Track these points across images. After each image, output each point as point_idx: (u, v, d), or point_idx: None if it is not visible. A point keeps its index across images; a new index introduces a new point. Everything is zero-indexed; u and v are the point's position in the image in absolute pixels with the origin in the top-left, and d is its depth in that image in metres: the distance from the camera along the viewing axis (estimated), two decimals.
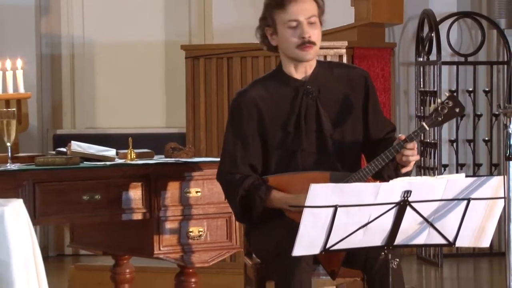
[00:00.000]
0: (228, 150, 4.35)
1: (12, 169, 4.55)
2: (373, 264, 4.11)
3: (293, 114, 4.31)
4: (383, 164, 4.21)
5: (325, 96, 4.34)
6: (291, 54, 4.30)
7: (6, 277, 3.52)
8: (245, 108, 4.32)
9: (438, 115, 4.25)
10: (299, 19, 4.24)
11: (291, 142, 4.31)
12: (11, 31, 8.24)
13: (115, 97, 8.52)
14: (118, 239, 5.08)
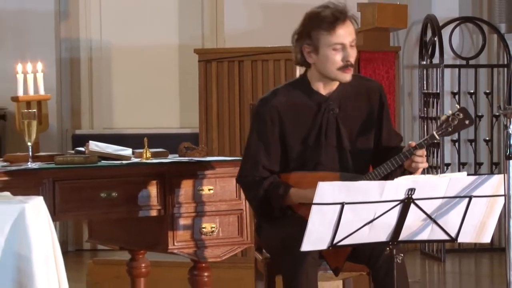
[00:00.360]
0: (250, 154, 4.35)
1: (32, 168, 4.56)
2: (377, 259, 4.11)
3: (314, 129, 4.31)
4: (392, 168, 4.23)
5: (345, 111, 4.34)
6: (330, 75, 4.27)
7: (27, 271, 3.53)
8: (268, 116, 4.30)
9: (449, 126, 4.28)
10: (345, 42, 4.22)
11: (310, 154, 4.31)
12: (32, 36, 8.25)
13: (131, 98, 8.53)
14: (134, 235, 5.09)
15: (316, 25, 4.23)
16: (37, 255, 3.55)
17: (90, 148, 4.80)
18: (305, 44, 4.27)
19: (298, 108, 4.33)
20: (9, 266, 3.53)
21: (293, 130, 4.32)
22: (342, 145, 4.32)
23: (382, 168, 4.22)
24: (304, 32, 4.27)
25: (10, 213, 3.56)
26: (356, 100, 4.38)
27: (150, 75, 8.47)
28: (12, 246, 3.54)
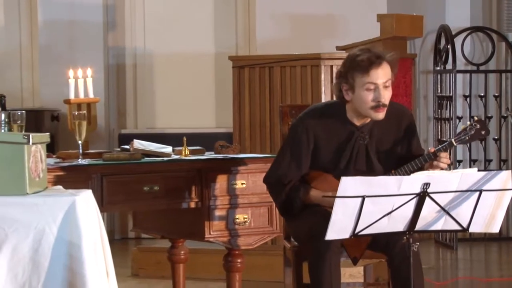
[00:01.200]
0: (281, 165, 4.34)
1: (82, 164, 4.57)
2: (393, 247, 4.10)
3: (345, 154, 4.30)
4: (412, 170, 4.23)
5: (376, 139, 4.33)
6: (363, 112, 4.25)
7: (78, 257, 3.54)
8: (304, 136, 4.30)
9: (466, 134, 4.30)
10: (378, 82, 4.19)
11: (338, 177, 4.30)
12: (83, 44, 8.29)
13: (172, 101, 8.55)
14: (174, 225, 5.09)
15: (353, 68, 4.21)
16: (87, 242, 3.56)
17: (135, 146, 4.81)
18: (343, 83, 4.25)
19: (332, 133, 4.32)
20: (61, 252, 3.54)
21: (325, 153, 4.31)
22: (373, 169, 4.31)
23: (403, 169, 4.24)
24: (343, 72, 4.26)
25: (62, 205, 3.57)
26: (388, 128, 4.35)
27: (189, 79, 8.49)
28: (64, 235, 3.55)
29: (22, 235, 3.52)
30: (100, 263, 3.58)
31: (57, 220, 3.55)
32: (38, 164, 3.68)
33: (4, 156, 3.57)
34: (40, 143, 3.74)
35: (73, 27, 8.32)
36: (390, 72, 4.24)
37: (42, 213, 3.54)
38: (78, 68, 5.36)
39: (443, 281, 6.56)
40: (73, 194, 3.66)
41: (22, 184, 3.57)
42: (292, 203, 4.30)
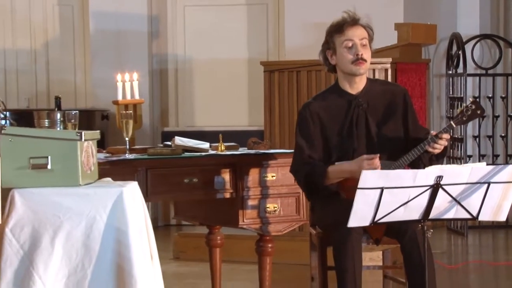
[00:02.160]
0: (297, 149, 4.36)
1: (129, 158, 4.59)
2: (404, 235, 4.10)
3: (346, 122, 4.30)
4: (418, 154, 4.21)
5: (373, 107, 4.32)
6: (346, 69, 4.27)
7: (125, 242, 3.55)
8: (309, 118, 4.31)
9: (463, 116, 4.25)
10: (354, 39, 4.23)
11: (345, 144, 4.31)
12: (130, 51, 8.33)
13: (209, 102, 8.57)
14: (211, 213, 5.10)
15: (331, 32, 4.28)
16: (133, 229, 3.57)
17: (176, 142, 4.82)
18: (327, 50, 4.31)
19: (332, 108, 4.33)
20: (110, 237, 3.55)
21: (330, 125, 4.31)
22: (371, 134, 4.31)
23: (410, 154, 4.22)
24: (325, 42, 4.32)
25: (111, 195, 3.58)
26: (382, 98, 4.36)
27: (224, 82, 8.50)
28: (113, 222, 3.56)
29: (76, 222, 3.54)
30: (145, 247, 3.59)
31: (106, 209, 3.56)
32: (89, 159, 3.70)
33: (59, 151, 3.58)
34: (91, 140, 3.75)
35: (121, 36, 8.36)
36: (366, 34, 4.28)
37: (93, 203, 3.56)
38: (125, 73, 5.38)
39: (455, 265, 6.53)
40: (120, 185, 3.67)
41: (75, 176, 3.58)
42: (314, 182, 4.28)
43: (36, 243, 3.50)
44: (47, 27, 8.66)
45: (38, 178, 3.56)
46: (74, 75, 8.69)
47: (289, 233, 5.05)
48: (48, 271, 3.49)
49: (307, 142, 4.31)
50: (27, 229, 3.51)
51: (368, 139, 4.31)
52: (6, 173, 3.55)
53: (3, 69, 8.55)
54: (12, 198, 3.53)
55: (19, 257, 3.49)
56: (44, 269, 3.49)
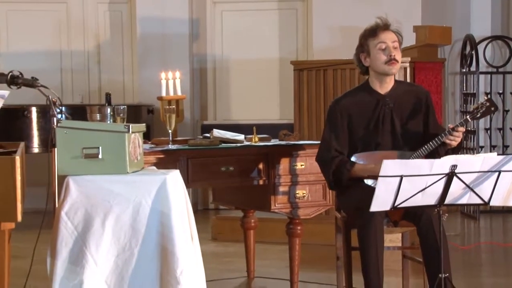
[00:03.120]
0: (325, 140, 4.33)
1: (172, 149, 4.60)
2: (419, 219, 4.08)
3: (373, 118, 4.29)
4: (436, 145, 4.19)
5: (398, 106, 4.31)
6: (380, 69, 4.25)
7: (168, 224, 3.56)
8: (338, 112, 4.30)
9: (478, 112, 4.25)
10: (387, 42, 4.22)
11: (370, 137, 4.30)
12: (173, 52, 8.34)
13: (244, 97, 8.57)
14: (246, 198, 5.10)
15: (365, 36, 4.27)
16: (175, 212, 3.58)
17: (214, 134, 4.82)
18: (360, 53, 4.30)
19: (362, 104, 4.31)
20: (155, 220, 3.56)
21: (358, 120, 4.30)
22: (395, 130, 4.30)
23: (428, 145, 4.21)
24: (359, 45, 4.31)
25: (155, 182, 3.59)
26: (407, 98, 4.35)
27: (258, 80, 8.50)
28: (157, 206, 3.57)
29: (124, 206, 3.55)
30: (186, 229, 3.60)
31: (151, 194, 3.57)
32: (136, 149, 3.71)
33: (109, 142, 3.60)
34: (138, 132, 3.76)
35: (165, 38, 8.38)
36: (396, 38, 4.27)
37: (139, 189, 3.57)
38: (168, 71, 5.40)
39: (468, 246, 6.50)
40: (164, 173, 3.68)
41: (123, 165, 3.60)
42: (341, 176, 4.26)
43: (88, 225, 3.52)
44: (99, 31, 8.70)
45: (90, 166, 3.57)
46: (123, 74, 8.72)
47: (317, 217, 5.04)
48: (99, 251, 3.51)
49: (334, 134, 4.29)
50: (80, 212, 3.53)
51: (393, 135, 4.30)
52: (61, 162, 3.57)
53: (60, 69, 8.61)
54: (67, 185, 3.55)
55: (73, 237, 3.51)
56: (95, 248, 3.51)
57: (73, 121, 3.72)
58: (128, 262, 3.52)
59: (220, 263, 5.79)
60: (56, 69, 8.55)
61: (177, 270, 3.49)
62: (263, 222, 5.73)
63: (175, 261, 3.50)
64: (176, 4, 8.37)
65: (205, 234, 6.54)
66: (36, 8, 8.53)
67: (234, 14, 8.56)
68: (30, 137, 7.14)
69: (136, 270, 3.52)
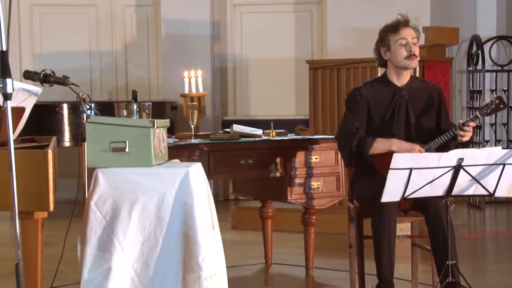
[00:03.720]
0: (346, 119, 4.29)
1: (194, 143, 4.61)
2: (427, 209, 4.06)
3: (390, 109, 4.27)
4: (446, 139, 4.19)
5: (413, 99, 4.29)
6: (400, 64, 4.23)
7: (191, 213, 3.56)
8: (359, 98, 4.28)
9: (488, 108, 4.23)
10: (407, 38, 4.20)
11: (385, 127, 4.28)
12: (195, 52, 8.35)
13: (262, 94, 8.56)
14: (264, 189, 5.10)
15: (386, 31, 4.24)
16: (197, 202, 3.58)
17: (234, 129, 4.82)
18: (381, 47, 4.27)
19: (379, 95, 4.29)
20: (178, 210, 3.56)
21: (375, 109, 4.28)
22: (409, 122, 4.27)
23: (439, 139, 4.19)
24: (379, 39, 4.28)
25: (178, 174, 3.60)
26: (421, 93, 4.33)
27: (275, 78, 8.49)
28: (180, 196, 3.57)
29: (149, 197, 3.56)
30: (207, 218, 3.60)
31: (175, 185, 3.57)
32: (160, 143, 3.71)
33: (135, 137, 3.60)
34: (162, 127, 3.77)
35: (188, 39, 8.38)
36: (415, 34, 4.25)
37: (164, 180, 3.57)
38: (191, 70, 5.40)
39: (473, 234, 6.47)
40: (187, 165, 3.68)
41: (149, 158, 3.60)
42: (362, 150, 4.19)
43: (116, 214, 3.53)
44: (126, 32, 8.72)
45: (117, 159, 3.58)
46: (148, 72, 8.74)
47: (330, 207, 5.04)
48: (126, 238, 3.52)
49: (354, 117, 4.26)
50: (108, 202, 3.54)
51: (407, 126, 4.28)
52: (90, 155, 3.58)
53: (89, 68, 8.64)
54: (96, 176, 3.56)
55: (102, 226, 3.53)
56: (123, 236, 3.51)
57: (101, 116, 3.72)
58: (153, 249, 3.53)
59: (239, 250, 5.79)
60: (86, 68, 8.59)
61: (199, 256, 3.49)
62: (280, 212, 5.73)
63: (197, 248, 3.50)
64: (198, 7, 8.38)
65: (225, 223, 6.55)
66: (67, 11, 8.56)
67: (253, 16, 8.56)
68: (61, 132, 7.18)
69: (161, 256, 3.53)
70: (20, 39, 8.53)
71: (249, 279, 4.97)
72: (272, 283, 4.91)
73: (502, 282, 4.83)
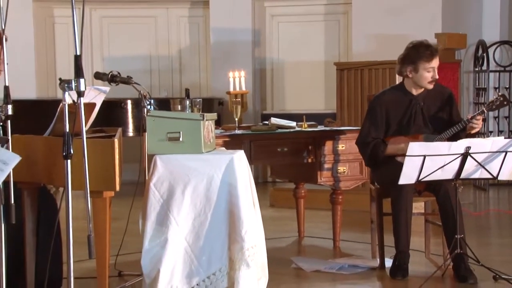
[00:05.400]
0: (364, 128, 4.30)
1: (238, 133, 4.61)
2: (438, 191, 4.04)
3: (407, 114, 4.26)
4: (456, 131, 4.16)
5: (427, 104, 4.28)
6: (421, 84, 4.23)
7: (235, 193, 3.56)
8: (378, 106, 4.27)
9: (493, 104, 4.22)
10: (434, 67, 4.20)
11: (402, 130, 4.27)
12: (239, 56, 8.34)
13: (296, 92, 8.53)
14: (297, 173, 5.09)
15: (419, 56, 4.18)
16: (240, 184, 3.57)
17: (272, 121, 4.81)
18: (408, 66, 4.22)
19: (397, 102, 4.27)
20: (224, 190, 3.56)
21: (393, 115, 4.26)
22: (426, 122, 4.26)
23: (449, 130, 4.18)
24: (409, 58, 4.22)
25: (224, 159, 3.60)
26: (434, 97, 4.30)
27: (307, 77, 8.45)
28: (226, 179, 3.57)
29: (199, 179, 3.56)
30: (249, 197, 3.60)
31: (221, 169, 3.57)
32: (209, 133, 3.72)
33: (188, 128, 3.61)
34: (211, 120, 3.77)
35: (232, 44, 8.38)
36: (439, 62, 4.24)
37: (212, 165, 3.58)
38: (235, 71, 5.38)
39: (479, 212, 6.39)
40: (231, 152, 3.68)
41: (199, 146, 3.61)
42: (377, 156, 4.24)
43: (171, 194, 3.54)
44: (180, 39, 8.74)
45: (172, 147, 3.59)
46: (199, 73, 8.76)
47: (354, 188, 5.01)
48: (180, 214, 3.53)
49: (374, 125, 4.26)
50: (165, 184, 3.55)
51: (425, 124, 4.25)
52: (150, 143, 3.59)
53: (149, 70, 8.69)
54: (155, 162, 3.58)
55: (159, 204, 3.54)
56: (177, 212, 3.53)
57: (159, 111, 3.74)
58: (203, 223, 3.54)
59: (276, 225, 5.79)
60: (147, 70, 8.64)
61: (242, 230, 3.49)
62: (311, 193, 5.72)
63: (241, 223, 3.50)
64: (241, 17, 8.37)
65: (264, 201, 6.55)
66: (131, 21, 8.62)
67: (288, 25, 8.53)
68: (126, 124, 7.23)
69: (209, 230, 3.53)
70: (91, 45, 8.61)
71: (284, 250, 4.97)
72: (304, 253, 4.90)
73: (504, 254, 4.77)
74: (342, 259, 4.54)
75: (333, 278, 4.17)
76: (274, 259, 4.31)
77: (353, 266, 4.34)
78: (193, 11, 8.73)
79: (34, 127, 3.58)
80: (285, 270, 4.33)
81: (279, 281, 4.04)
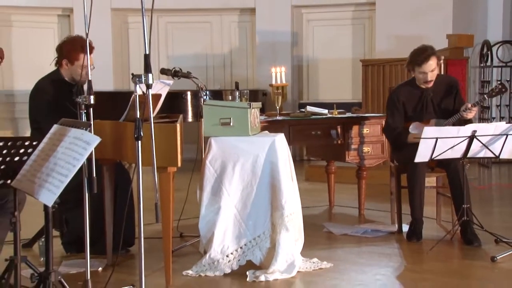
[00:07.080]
0: (388, 118, 4.27)
1: (279, 119, 4.59)
2: (448, 166, 3.98)
3: (419, 104, 4.22)
4: (460, 117, 4.11)
5: (436, 94, 4.22)
6: (419, 83, 4.21)
7: (276, 169, 3.55)
8: (395, 98, 4.24)
9: (493, 92, 4.12)
10: (426, 71, 4.14)
11: (417, 115, 4.24)
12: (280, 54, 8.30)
13: (328, 84, 8.46)
14: (328, 152, 5.05)
15: (413, 61, 4.17)
16: (281, 162, 3.56)
17: (307, 109, 4.77)
18: (409, 67, 4.22)
19: (411, 94, 4.23)
20: (267, 167, 3.56)
21: (409, 105, 4.23)
22: (435, 109, 4.22)
23: (454, 117, 4.13)
24: (409, 62, 4.22)
25: (267, 141, 3.59)
26: (442, 86, 4.24)
27: (337, 72, 8.38)
28: (268, 157, 3.57)
29: (246, 158, 3.56)
30: (287, 172, 3.59)
31: (265, 149, 3.57)
32: (255, 119, 3.70)
33: (237, 114, 3.61)
34: (256, 108, 3.76)
35: (274, 45, 8.34)
36: (436, 62, 4.14)
37: (257, 146, 3.57)
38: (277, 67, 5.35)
39: (483, 186, 6.27)
40: (273, 135, 3.67)
41: (246, 130, 3.60)
42: (400, 141, 4.21)
43: (223, 169, 3.55)
44: (231, 40, 8.73)
45: (224, 130, 3.60)
46: (246, 69, 8.75)
47: (377, 166, 4.95)
48: (231, 186, 3.54)
49: (394, 115, 4.24)
50: (218, 161, 3.56)
51: (434, 111, 4.22)
52: (206, 127, 3.60)
53: (205, 66, 8.71)
54: (210, 143, 3.59)
55: (214, 177, 3.56)
56: (228, 185, 3.54)
57: (214, 100, 3.75)
58: (250, 194, 3.54)
59: (311, 196, 5.77)
60: (203, 66, 8.67)
61: (282, 200, 3.49)
62: (340, 169, 5.68)
63: (281, 194, 3.49)
64: (282, 22, 8.32)
65: (300, 176, 6.51)
66: (191, 26, 8.66)
67: (321, 28, 8.45)
68: (186, 111, 7.27)
69: (255, 199, 3.54)
70: (158, 46, 8.68)
71: (317, 217, 4.95)
72: (334, 219, 4.87)
73: (504, 221, 4.68)
74: (366, 224, 4.51)
75: (358, 241, 4.15)
76: (308, 224, 4.30)
77: (375, 231, 4.32)
78: (241, 17, 8.71)
79: (111, 113, 3.62)
80: (318, 233, 4.33)
81: (313, 243, 4.04)
